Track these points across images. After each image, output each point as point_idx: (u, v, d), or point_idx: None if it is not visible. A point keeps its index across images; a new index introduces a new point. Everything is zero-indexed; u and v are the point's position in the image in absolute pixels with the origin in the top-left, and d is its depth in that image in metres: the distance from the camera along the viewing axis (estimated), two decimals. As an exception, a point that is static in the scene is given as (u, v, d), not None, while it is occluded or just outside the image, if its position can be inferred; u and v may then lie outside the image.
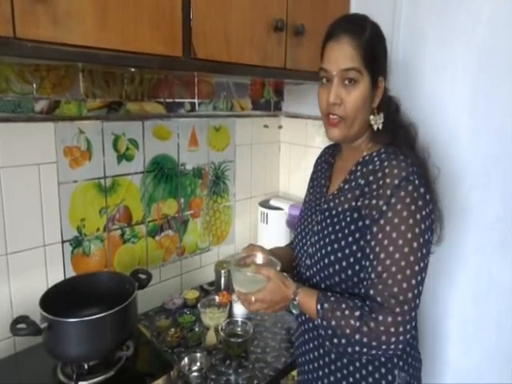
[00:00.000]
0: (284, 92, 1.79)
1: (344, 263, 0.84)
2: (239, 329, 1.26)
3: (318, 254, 0.90)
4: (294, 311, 0.89)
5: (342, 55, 0.83)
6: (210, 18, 0.98)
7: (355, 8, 1.40)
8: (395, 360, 0.86)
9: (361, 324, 0.77)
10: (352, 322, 0.77)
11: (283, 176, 1.87)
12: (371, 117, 0.88)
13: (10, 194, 1.06)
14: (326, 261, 0.87)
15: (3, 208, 1.05)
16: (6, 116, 1.02)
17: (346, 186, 0.89)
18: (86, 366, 0.97)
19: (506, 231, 1.14)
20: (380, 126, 0.88)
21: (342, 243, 0.85)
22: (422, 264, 0.78)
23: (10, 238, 1.07)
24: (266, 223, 1.64)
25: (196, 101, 1.46)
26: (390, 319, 0.75)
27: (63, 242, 1.18)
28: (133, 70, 1.22)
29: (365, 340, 0.76)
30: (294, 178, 1.82)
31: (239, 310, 1.35)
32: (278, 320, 1.38)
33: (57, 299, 0.97)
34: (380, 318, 0.76)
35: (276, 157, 1.85)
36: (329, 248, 0.87)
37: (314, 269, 0.91)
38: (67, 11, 0.74)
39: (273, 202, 1.68)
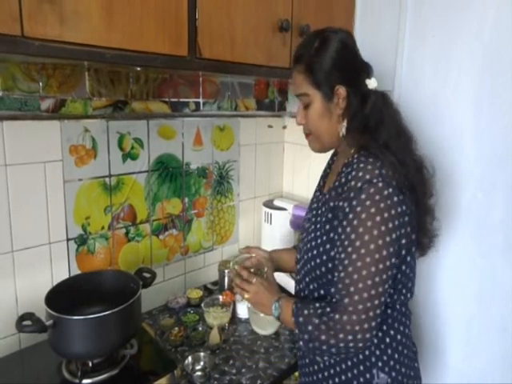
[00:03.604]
0: (288, 92, 1.78)
1: (318, 260, 0.89)
2: (243, 328, 1.26)
3: (304, 249, 0.94)
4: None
5: (294, 83, 0.93)
6: (216, 18, 0.99)
7: (360, 8, 1.40)
8: (373, 359, 0.87)
9: (320, 322, 0.81)
10: (313, 319, 0.82)
11: (287, 176, 1.87)
12: (338, 124, 0.88)
13: (15, 192, 1.06)
14: (306, 256, 0.92)
15: (9, 205, 1.06)
16: (12, 114, 1.03)
17: (334, 187, 0.91)
18: (90, 364, 0.98)
19: (510, 234, 1.13)
20: (344, 132, 0.88)
21: (319, 241, 0.89)
22: (380, 265, 0.78)
23: (15, 236, 1.08)
24: (270, 223, 1.64)
25: (201, 100, 1.47)
26: (345, 318, 0.78)
27: (68, 239, 1.18)
28: (138, 69, 1.22)
29: (323, 337, 0.80)
30: (297, 178, 1.82)
31: (243, 310, 1.35)
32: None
33: (62, 297, 0.97)
34: (337, 316, 0.79)
35: (280, 157, 1.85)
36: (310, 244, 0.91)
37: (301, 263, 0.96)
38: (74, 10, 0.75)
39: (277, 203, 1.68)
